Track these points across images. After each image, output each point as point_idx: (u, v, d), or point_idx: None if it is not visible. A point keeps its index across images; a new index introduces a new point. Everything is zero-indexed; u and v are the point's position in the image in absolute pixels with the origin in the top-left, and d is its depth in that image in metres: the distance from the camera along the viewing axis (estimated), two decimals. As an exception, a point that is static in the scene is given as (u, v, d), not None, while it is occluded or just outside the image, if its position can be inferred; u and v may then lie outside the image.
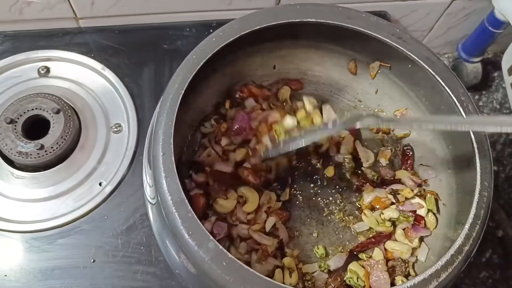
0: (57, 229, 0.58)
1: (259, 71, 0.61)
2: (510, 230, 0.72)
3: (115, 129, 0.64)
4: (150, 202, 0.50)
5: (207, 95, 0.58)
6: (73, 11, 0.68)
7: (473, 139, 0.45)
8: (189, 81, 0.45)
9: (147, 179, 0.49)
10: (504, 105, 0.88)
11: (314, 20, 0.49)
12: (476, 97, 0.89)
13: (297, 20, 0.48)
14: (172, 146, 0.42)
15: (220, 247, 0.39)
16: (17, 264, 0.56)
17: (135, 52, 0.69)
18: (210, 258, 0.39)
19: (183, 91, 0.44)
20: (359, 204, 0.58)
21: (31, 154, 0.58)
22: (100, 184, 0.61)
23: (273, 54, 0.59)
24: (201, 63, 0.46)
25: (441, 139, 0.53)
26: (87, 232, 0.58)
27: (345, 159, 0.59)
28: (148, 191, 0.49)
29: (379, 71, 0.57)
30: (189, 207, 0.40)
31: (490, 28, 0.76)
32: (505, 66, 0.75)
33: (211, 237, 0.39)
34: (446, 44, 0.89)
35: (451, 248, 0.40)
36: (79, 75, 0.67)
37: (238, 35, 0.47)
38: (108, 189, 0.60)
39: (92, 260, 0.57)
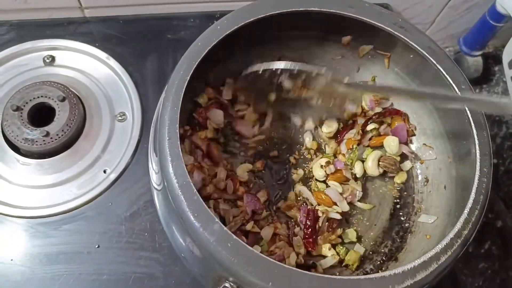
0: (62, 215, 0.59)
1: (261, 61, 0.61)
2: (509, 221, 0.73)
3: (120, 118, 0.65)
4: (156, 189, 0.50)
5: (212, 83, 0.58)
6: (78, 0, 0.69)
7: (473, 126, 0.45)
8: (194, 67, 0.45)
9: (152, 166, 0.50)
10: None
11: (318, 9, 0.49)
12: (477, 90, 0.90)
13: (300, 9, 0.49)
14: (177, 131, 0.43)
15: (225, 228, 0.39)
16: (23, 249, 0.57)
17: (139, 42, 0.70)
18: (215, 240, 0.39)
19: (188, 77, 0.45)
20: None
21: (36, 141, 0.59)
22: (104, 171, 0.61)
23: (276, 44, 0.60)
24: (206, 50, 0.46)
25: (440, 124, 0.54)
26: (91, 219, 0.59)
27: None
28: (154, 177, 0.50)
29: (389, 63, 0.58)
30: (195, 190, 0.40)
31: (491, 21, 0.76)
32: (505, 59, 0.76)
33: (216, 219, 0.40)
34: (448, 37, 0.89)
35: (450, 232, 0.41)
36: (84, 64, 0.68)
37: (242, 23, 0.48)
38: (113, 176, 0.61)
39: (96, 246, 0.57)
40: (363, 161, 0.58)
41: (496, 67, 0.91)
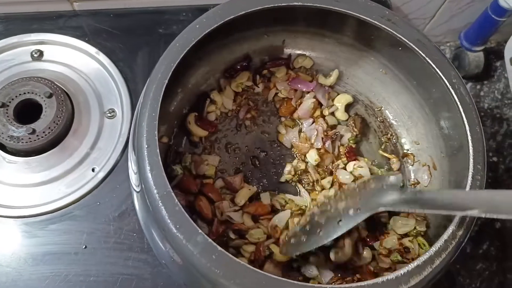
0: (49, 215, 0.58)
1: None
2: (508, 222, 0.72)
3: (109, 115, 0.63)
4: (135, 190, 0.49)
5: (193, 84, 0.57)
6: (67, -7, 0.67)
7: (465, 121, 0.44)
8: (172, 70, 0.44)
9: (131, 166, 0.48)
10: (506, 95, 0.87)
11: (301, 4, 0.47)
12: (478, 87, 0.88)
13: (283, 4, 0.47)
14: (156, 138, 0.41)
15: (209, 240, 0.38)
16: (8, 249, 0.56)
17: (130, 36, 0.68)
18: (199, 252, 0.38)
19: (166, 81, 0.43)
20: None
21: (22, 139, 0.57)
22: (93, 170, 0.60)
23: (261, 40, 0.58)
24: (185, 51, 0.44)
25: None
26: (79, 218, 0.58)
27: None
28: (133, 178, 0.48)
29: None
30: (176, 200, 0.39)
31: (493, 16, 0.74)
32: (507, 55, 0.74)
33: (200, 231, 0.38)
34: (448, 32, 0.87)
35: (444, 233, 0.39)
36: (73, 59, 0.66)
37: (222, 22, 0.46)
38: (101, 175, 0.60)
39: (83, 246, 0.56)
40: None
41: (498, 63, 0.89)
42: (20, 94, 0.59)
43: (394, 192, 0.44)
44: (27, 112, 0.59)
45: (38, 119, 0.58)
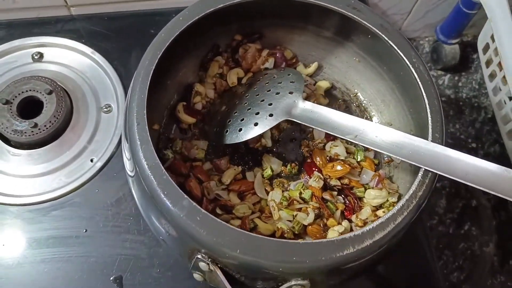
0: (51, 202, 0.61)
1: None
2: (482, 199, 0.76)
3: (105, 109, 0.68)
4: (130, 176, 0.53)
5: (181, 76, 0.61)
6: (64, -1, 0.72)
7: (424, 96, 0.48)
8: (159, 57, 0.48)
9: (125, 154, 0.52)
10: (483, 85, 0.91)
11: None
12: (456, 78, 0.92)
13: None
14: (145, 116, 0.45)
15: (194, 204, 0.42)
16: (14, 235, 0.60)
17: (123, 38, 0.73)
18: (185, 214, 0.42)
19: (153, 66, 0.47)
20: None
21: (25, 132, 0.62)
22: (91, 160, 0.64)
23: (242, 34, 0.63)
24: (170, 40, 0.49)
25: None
26: (79, 205, 0.62)
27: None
28: (128, 165, 0.52)
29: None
30: (163, 170, 0.43)
31: (464, 9, 0.79)
32: (480, 45, 0.78)
33: (185, 196, 0.42)
34: (426, 27, 0.92)
35: (406, 194, 0.44)
36: (71, 59, 0.71)
37: (203, 13, 0.51)
38: (99, 165, 0.64)
39: (84, 230, 0.60)
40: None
41: (475, 55, 0.94)
42: (22, 92, 0.64)
43: (298, 107, 0.53)
44: (30, 108, 0.63)
45: (39, 114, 0.63)
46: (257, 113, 0.54)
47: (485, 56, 0.77)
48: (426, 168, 0.44)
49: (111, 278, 0.57)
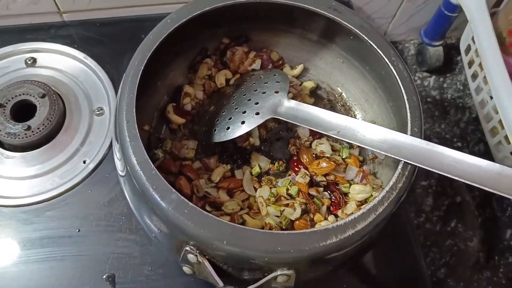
0: (45, 203, 0.63)
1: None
2: (466, 195, 0.78)
3: (98, 112, 0.69)
4: (121, 175, 0.54)
5: (170, 78, 0.63)
6: (57, 5, 0.74)
7: (403, 93, 0.50)
8: (147, 57, 0.50)
9: (116, 155, 0.53)
10: (467, 86, 0.93)
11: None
12: (441, 79, 0.95)
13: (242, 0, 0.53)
14: (134, 114, 0.47)
15: (182, 197, 0.43)
16: (8, 235, 0.61)
17: (115, 42, 0.75)
18: (173, 207, 0.43)
19: (142, 66, 0.49)
20: None
21: (19, 135, 0.63)
22: (84, 162, 0.66)
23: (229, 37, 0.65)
24: (158, 41, 0.51)
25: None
26: (72, 205, 0.63)
27: None
28: (119, 165, 0.53)
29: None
30: (152, 165, 0.45)
31: (446, 12, 0.81)
32: (462, 47, 0.80)
33: (173, 190, 0.44)
34: (411, 30, 0.94)
35: (386, 185, 0.45)
36: (64, 64, 0.73)
37: (190, 16, 0.52)
38: (91, 166, 0.65)
39: (77, 230, 0.61)
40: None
41: (459, 57, 0.96)
42: (16, 96, 0.65)
43: (283, 105, 0.55)
44: (23, 111, 0.65)
45: (33, 117, 0.64)
46: (244, 112, 0.56)
47: (467, 57, 0.79)
48: (405, 160, 0.46)
49: (104, 276, 0.59)
